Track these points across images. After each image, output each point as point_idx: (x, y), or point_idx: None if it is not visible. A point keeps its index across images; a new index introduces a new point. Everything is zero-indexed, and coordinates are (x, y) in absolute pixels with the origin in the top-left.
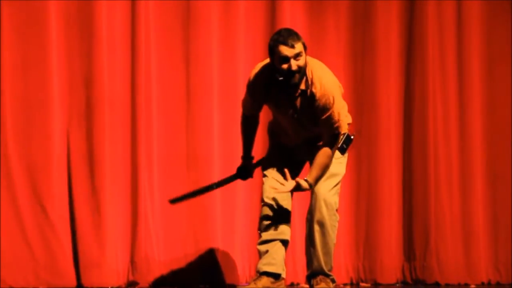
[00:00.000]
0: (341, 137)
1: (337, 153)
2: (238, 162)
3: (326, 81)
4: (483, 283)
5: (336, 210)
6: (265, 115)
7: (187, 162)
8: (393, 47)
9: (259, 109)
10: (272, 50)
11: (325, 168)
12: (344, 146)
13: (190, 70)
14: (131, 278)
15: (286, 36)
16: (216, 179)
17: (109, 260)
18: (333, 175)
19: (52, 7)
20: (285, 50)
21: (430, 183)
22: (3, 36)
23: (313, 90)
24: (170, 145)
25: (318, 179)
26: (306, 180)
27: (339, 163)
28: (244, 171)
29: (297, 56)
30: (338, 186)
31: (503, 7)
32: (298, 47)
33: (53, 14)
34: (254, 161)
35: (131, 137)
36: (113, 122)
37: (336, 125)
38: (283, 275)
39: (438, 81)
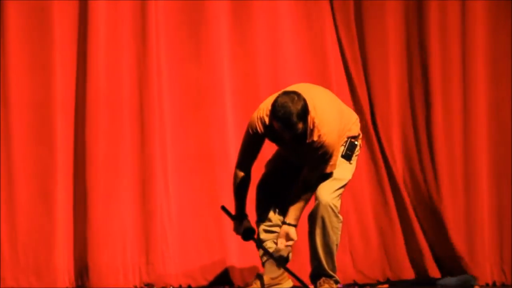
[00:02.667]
0: (344, 144)
1: (340, 159)
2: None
3: (324, 132)
4: (487, 284)
5: (338, 212)
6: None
7: (200, 160)
8: (397, 47)
9: (261, 142)
10: (272, 117)
11: (305, 204)
12: (349, 152)
13: (201, 69)
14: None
15: (285, 123)
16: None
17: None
18: (336, 179)
19: (55, 8)
20: (282, 131)
21: (431, 183)
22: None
23: (313, 139)
24: (182, 144)
25: (298, 217)
26: (290, 224)
27: (343, 169)
28: (251, 233)
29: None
30: (341, 190)
31: (507, 7)
32: (297, 129)
33: (56, 15)
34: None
35: (141, 137)
36: (123, 122)
37: (323, 166)
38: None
39: (442, 81)
